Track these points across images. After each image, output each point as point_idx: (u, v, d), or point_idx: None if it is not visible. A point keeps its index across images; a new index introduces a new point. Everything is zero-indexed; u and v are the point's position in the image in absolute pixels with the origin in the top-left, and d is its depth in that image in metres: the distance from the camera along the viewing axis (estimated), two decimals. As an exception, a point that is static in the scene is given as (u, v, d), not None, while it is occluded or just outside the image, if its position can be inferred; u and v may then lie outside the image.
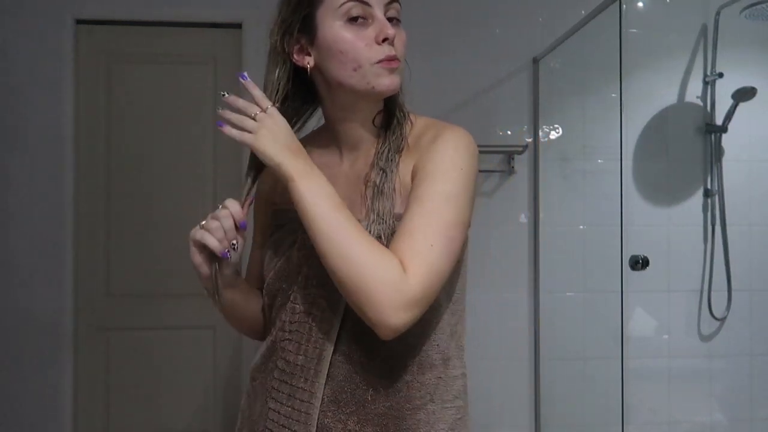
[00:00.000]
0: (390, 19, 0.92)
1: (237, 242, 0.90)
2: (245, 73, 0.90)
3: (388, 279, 0.80)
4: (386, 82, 0.90)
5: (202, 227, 0.90)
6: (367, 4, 0.89)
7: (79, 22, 2.20)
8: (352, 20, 0.89)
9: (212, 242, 0.89)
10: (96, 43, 2.24)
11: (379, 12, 0.90)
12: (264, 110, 0.88)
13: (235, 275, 0.98)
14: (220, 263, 0.93)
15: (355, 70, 0.89)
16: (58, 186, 2.16)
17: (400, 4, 0.94)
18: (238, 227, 0.90)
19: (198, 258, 0.92)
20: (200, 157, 2.26)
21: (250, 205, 0.95)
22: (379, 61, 0.89)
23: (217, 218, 0.89)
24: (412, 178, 0.91)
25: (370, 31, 0.89)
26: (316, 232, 0.83)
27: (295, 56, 0.94)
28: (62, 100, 2.16)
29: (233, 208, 0.89)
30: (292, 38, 0.93)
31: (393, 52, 0.90)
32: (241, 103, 0.88)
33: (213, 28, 2.26)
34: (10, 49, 2.14)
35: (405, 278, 0.81)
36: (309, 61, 0.93)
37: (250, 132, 0.86)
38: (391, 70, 0.90)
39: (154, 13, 2.20)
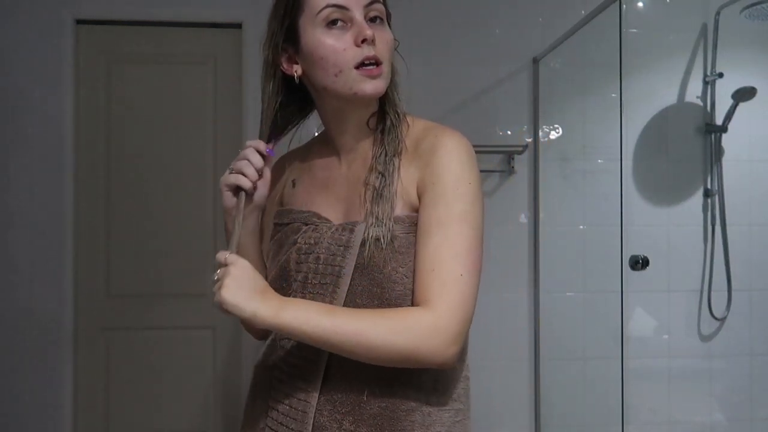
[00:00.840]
0: (373, 19, 0.91)
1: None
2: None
3: (421, 333, 0.83)
4: (368, 88, 0.90)
5: (232, 171, 0.94)
6: (345, 8, 0.89)
7: (79, 22, 2.20)
8: (332, 25, 0.89)
9: (243, 181, 0.93)
10: (96, 43, 2.24)
11: (358, 15, 0.89)
12: (224, 265, 0.87)
13: (255, 231, 1.02)
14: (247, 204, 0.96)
15: (336, 75, 0.90)
16: (58, 186, 2.16)
17: (383, 4, 0.94)
18: (266, 155, 0.95)
19: (230, 201, 0.96)
20: (200, 157, 2.26)
21: (276, 141, 0.99)
22: (360, 66, 0.89)
23: (243, 157, 0.94)
24: (419, 193, 0.91)
25: (350, 35, 0.89)
26: (332, 345, 0.84)
27: (284, 66, 0.95)
28: (62, 100, 2.16)
29: (255, 144, 0.95)
30: (280, 49, 0.94)
31: (372, 53, 0.89)
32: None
33: (213, 28, 2.26)
34: (10, 49, 2.14)
35: (437, 318, 0.84)
36: (297, 70, 0.94)
37: (215, 293, 0.85)
38: (373, 77, 0.90)
39: (154, 13, 2.20)
